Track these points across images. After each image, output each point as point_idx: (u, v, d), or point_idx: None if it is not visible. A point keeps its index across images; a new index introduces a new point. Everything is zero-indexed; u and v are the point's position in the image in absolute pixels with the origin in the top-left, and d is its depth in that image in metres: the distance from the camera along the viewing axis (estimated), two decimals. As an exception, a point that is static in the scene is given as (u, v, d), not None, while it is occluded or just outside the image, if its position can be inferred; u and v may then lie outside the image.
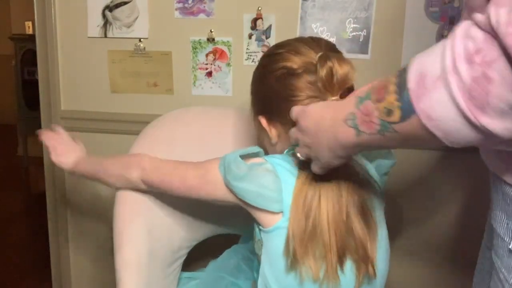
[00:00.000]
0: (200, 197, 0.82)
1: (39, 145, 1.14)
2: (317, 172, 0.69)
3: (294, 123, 0.70)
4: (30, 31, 3.88)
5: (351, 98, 0.59)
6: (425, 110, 0.47)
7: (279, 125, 0.80)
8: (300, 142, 0.69)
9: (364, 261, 0.74)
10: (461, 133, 0.46)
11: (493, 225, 0.67)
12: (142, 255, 0.94)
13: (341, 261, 0.73)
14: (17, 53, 3.64)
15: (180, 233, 1.05)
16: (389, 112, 0.52)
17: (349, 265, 0.74)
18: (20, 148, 3.89)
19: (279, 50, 0.79)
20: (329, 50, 0.76)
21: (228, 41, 1.33)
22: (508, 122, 0.43)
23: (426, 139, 0.50)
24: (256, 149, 0.79)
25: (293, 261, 0.72)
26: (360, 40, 1.27)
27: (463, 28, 0.45)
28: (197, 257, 1.14)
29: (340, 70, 0.70)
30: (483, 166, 0.71)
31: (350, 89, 0.73)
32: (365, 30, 1.26)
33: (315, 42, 0.77)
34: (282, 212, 0.74)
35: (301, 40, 0.79)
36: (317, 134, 0.64)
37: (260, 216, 0.76)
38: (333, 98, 0.71)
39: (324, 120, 0.63)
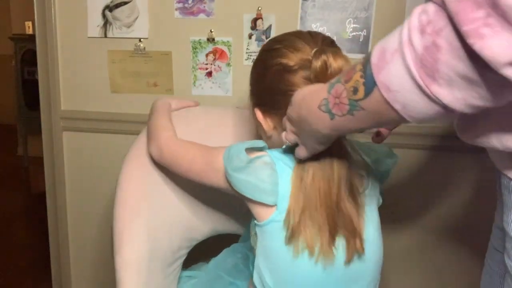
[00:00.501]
0: (205, 183, 0.85)
1: (39, 145, 1.14)
2: (301, 157, 0.71)
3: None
4: (30, 31, 3.86)
5: (324, 85, 0.61)
6: (384, 82, 0.49)
7: (275, 117, 0.80)
8: (288, 128, 0.71)
9: (353, 235, 0.76)
10: (417, 105, 0.47)
11: (506, 228, 0.67)
12: (142, 255, 0.94)
13: (333, 237, 0.74)
14: (17, 53, 3.63)
15: (180, 233, 1.05)
16: (355, 90, 0.53)
17: (340, 241, 0.76)
18: (20, 148, 3.89)
19: (276, 45, 0.79)
20: (326, 45, 0.76)
21: (228, 41, 1.33)
22: (456, 91, 0.44)
23: (389, 114, 0.50)
24: (261, 143, 0.80)
25: (291, 235, 0.73)
26: (360, 40, 1.27)
27: (420, 6, 0.47)
28: (197, 257, 1.14)
29: (334, 64, 0.70)
30: (485, 167, 0.71)
31: None
32: (365, 30, 1.26)
33: (313, 38, 0.77)
34: (276, 205, 0.75)
35: (299, 35, 0.79)
36: (300, 123, 0.66)
37: (255, 209, 0.77)
38: None
39: (301, 109, 0.65)
